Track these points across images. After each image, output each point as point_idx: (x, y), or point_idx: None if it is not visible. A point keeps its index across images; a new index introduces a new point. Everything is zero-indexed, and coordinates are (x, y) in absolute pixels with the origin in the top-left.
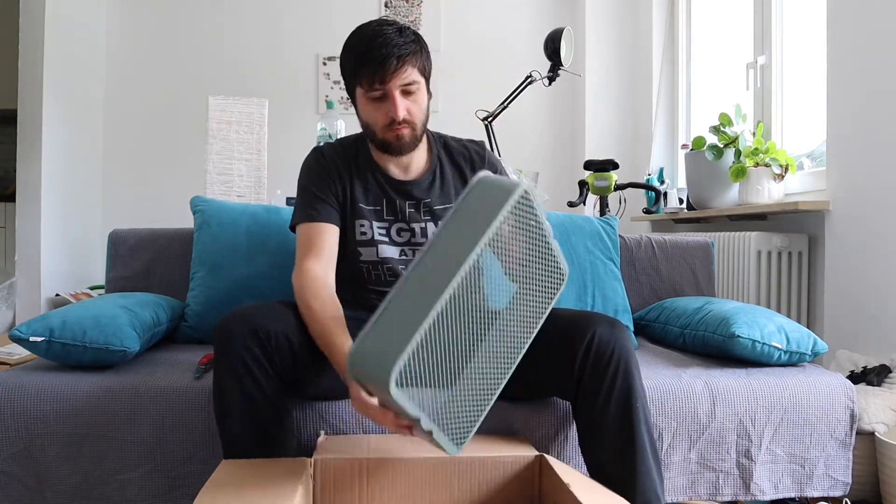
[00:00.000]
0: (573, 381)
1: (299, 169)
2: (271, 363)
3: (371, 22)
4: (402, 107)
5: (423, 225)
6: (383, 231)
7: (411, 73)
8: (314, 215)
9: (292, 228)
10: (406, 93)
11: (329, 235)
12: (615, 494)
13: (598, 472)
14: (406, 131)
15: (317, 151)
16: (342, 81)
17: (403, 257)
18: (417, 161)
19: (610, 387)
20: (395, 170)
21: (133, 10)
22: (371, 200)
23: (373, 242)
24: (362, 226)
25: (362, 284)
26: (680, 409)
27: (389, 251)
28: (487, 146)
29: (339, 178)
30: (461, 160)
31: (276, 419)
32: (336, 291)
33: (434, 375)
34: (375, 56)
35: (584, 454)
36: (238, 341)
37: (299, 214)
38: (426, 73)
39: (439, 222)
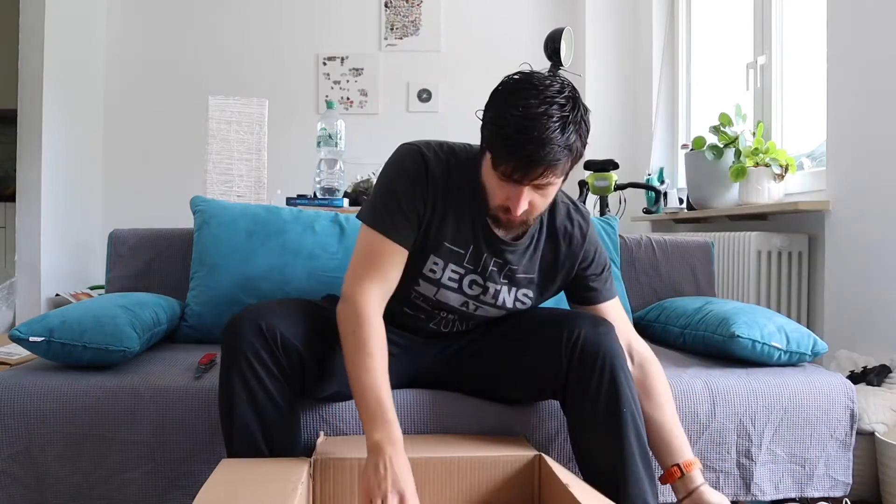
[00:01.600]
0: (560, 383)
1: (388, 158)
2: (277, 364)
3: (535, 90)
4: (525, 203)
5: (498, 287)
6: (455, 277)
7: (552, 179)
8: (393, 231)
9: (360, 219)
10: (537, 187)
11: (399, 261)
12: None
13: (589, 474)
14: (519, 221)
15: (419, 155)
16: (342, 81)
17: (463, 308)
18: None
19: (597, 389)
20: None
21: (133, 10)
22: (459, 242)
23: (437, 283)
24: (436, 264)
25: (399, 302)
26: (680, 409)
27: (452, 298)
28: (592, 222)
29: (434, 201)
30: (562, 231)
31: (281, 420)
32: None
33: None
34: (523, 154)
35: (575, 456)
36: (246, 342)
37: (377, 219)
38: (569, 172)
39: (513, 289)
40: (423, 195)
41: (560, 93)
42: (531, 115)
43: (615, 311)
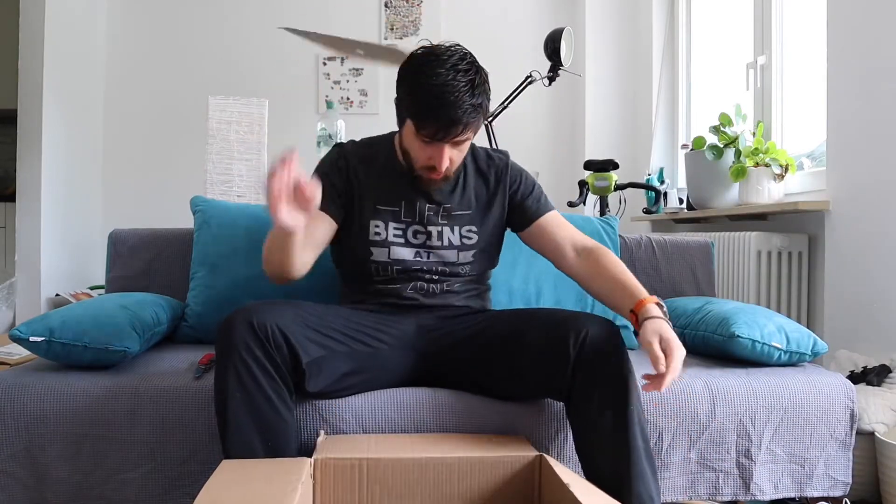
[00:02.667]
0: (566, 383)
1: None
2: (272, 362)
3: (440, 59)
4: (447, 159)
5: (439, 228)
6: (399, 232)
7: (468, 135)
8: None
9: None
10: (455, 143)
11: (320, 224)
12: (610, 498)
13: (593, 474)
14: (441, 178)
15: (339, 146)
16: (342, 81)
17: (418, 258)
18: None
19: (603, 389)
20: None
21: (133, 9)
22: (390, 201)
23: (385, 243)
24: (377, 226)
25: (369, 280)
26: (680, 409)
27: (403, 252)
28: (511, 156)
29: (356, 176)
30: (485, 167)
31: (278, 418)
32: (341, 289)
33: None
34: (441, 116)
35: (579, 456)
36: (240, 340)
37: None
38: (479, 127)
39: (455, 227)
40: (342, 172)
41: (462, 59)
42: (443, 82)
43: (556, 222)
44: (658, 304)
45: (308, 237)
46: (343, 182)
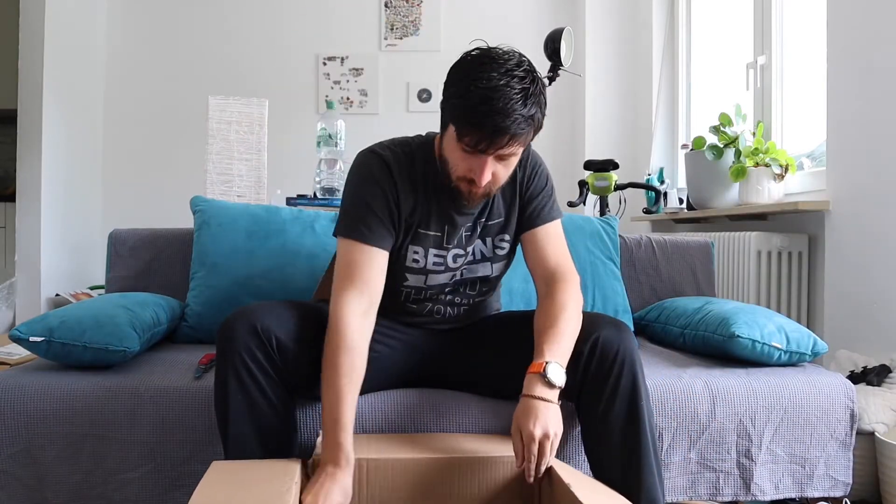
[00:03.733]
0: (577, 382)
1: (350, 169)
2: (273, 364)
3: (495, 63)
4: (489, 174)
5: (474, 245)
6: (440, 260)
7: (515, 149)
8: (367, 236)
9: (336, 234)
10: (500, 158)
11: (380, 264)
12: (616, 493)
13: (601, 472)
14: (481, 192)
15: (378, 156)
16: (342, 81)
17: (453, 279)
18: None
19: (614, 388)
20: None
21: (133, 9)
22: (433, 226)
23: (424, 271)
24: (416, 252)
25: (397, 300)
26: (680, 409)
27: (440, 279)
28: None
29: (403, 196)
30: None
31: (278, 419)
32: None
33: None
34: (487, 125)
35: (587, 454)
36: (240, 342)
37: (348, 227)
38: (529, 142)
39: (488, 238)
40: (393, 193)
41: (519, 66)
42: (494, 87)
43: (551, 235)
44: (543, 374)
45: (369, 287)
46: (391, 203)
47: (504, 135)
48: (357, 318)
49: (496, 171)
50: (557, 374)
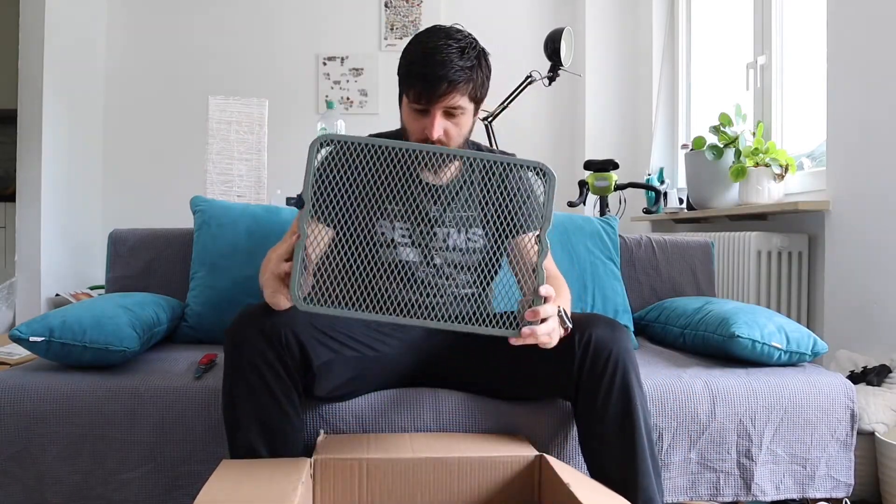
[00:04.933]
0: (572, 383)
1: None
2: (284, 366)
3: (439, 31)
4: (440, 128)
5: (447, 231)
6: (405, 233)
7: (458, 100)
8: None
9: (294, 204)
10: (449, 114)
11: (325, 237)
12: (615, 494)
13: (599, 472)
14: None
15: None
16: (342, 81)
17: (423, 259)
18: (450, 167)
19: (609, 388)
20: (427, 173)
21: (133, 9)
22: (398, 200)
23: (391, 244)
24: (383, 226)
25: (373, 280)
26: (680, 409)
27: (410, 254)
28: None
29: (368, 177)
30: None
31: (287, 422)
32: (341, 287)
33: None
34: (427, 74)
35: (584, 454)
36: (250, 344)
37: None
38: (478, 100)
39: (462, 229)
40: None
41: (460, 32)
42: (434, 45)
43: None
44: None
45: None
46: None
47: (441, 82)
48: None
49: (447, 129)
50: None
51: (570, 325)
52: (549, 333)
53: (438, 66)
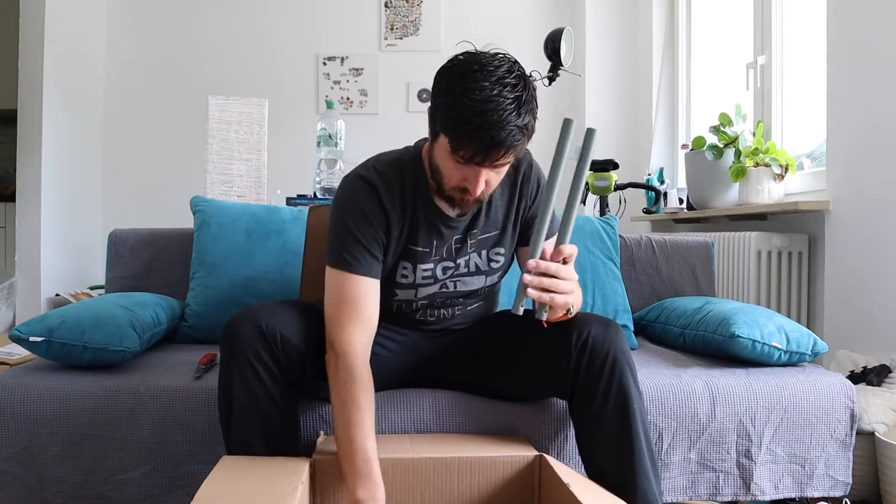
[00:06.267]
0: (569, 383)
1: (336, 195)
2: (278, 365)
3: (486, 72)
4: (483, 182)
5: (467, 258)
6: (428, 273)
7: (510, 159)
8: (356, 266)
9: (332, 265)
10: (494, 167)
11: (373, 293)
12: (613, 496)
13: (596, 474)
14: (474, 200)
15: (364, 183)
16: (342, 81)
17: (443, 290)
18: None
19: (606, 388)
20: (447, 206)
21: (133, 9)
22: (421, 241)
23: (413, 286)
24: (405, 268)
25: (389, 311)
26: (680, 409)
27: (430, 290)
28: (531, 154)
29: (392, 221)
30: (510, 180)
31: (282, 421)
32: None
33: None
34: (482, 138)
35: (581, 456)
36: (246, 343)
37: (338, 258)
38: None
39: (483, 251)
40: (380, 222)
41: (510, 73)
42: (487, 98)
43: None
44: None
45: (367, 317)
46: (378, 229)
47: (500, 148)
48: (363, 349)
49: (489, 179)
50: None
51: (573, 310)
52: (569, 280)
53: (495, 128)
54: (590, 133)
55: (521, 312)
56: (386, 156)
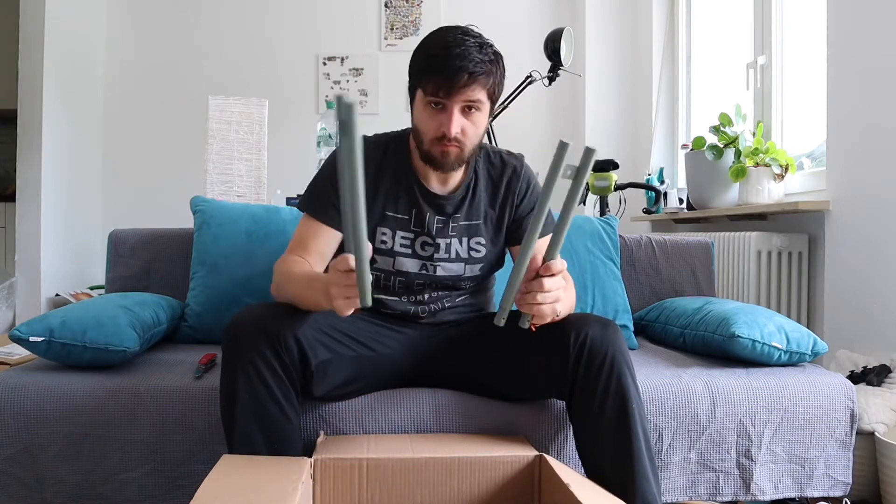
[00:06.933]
0: (567, 383)
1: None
2: (281, 364)
3: (455, 28)
4: (458, 124)
5: (448, 241)
6: (406, 242)
7: (478, 93)
8: (320, 214)
9: (298, 207)
10: (466, 110)
11: (327, 241)
12: (613, 496)
13: (595, 474)
14: (454, 149)
15: None
16: (342, 82)
17: (423, 272)
18: (456, 174)
19: (604, 389)
20: (433, 181)
21: (133, 9)
22: (400, 209)
23: (391, 253)
24: (384, 234)
25: (374, 287)
26: (680, 409)
27: (408, 264)
28: (525, 160)
29: (365, 179)
30: (499, 173)
31: (284, 420)
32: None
33: None
34: (448, 65)
35: (580, 456)
36: (248, 343)
37: (308, 203)
38: (494, 97)
39: (463, 238)
40: None
41: (475, 30)
42: (451, 38)
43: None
44: None
45: (316, 254)
46: None
47: (462, 73)
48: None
49: (465, 128)
50: None
51: (561, 314)
52: (553, 290)
53: (458, 57)
54: (588, 152)
55: (501, 324)
56: (382, 133)
